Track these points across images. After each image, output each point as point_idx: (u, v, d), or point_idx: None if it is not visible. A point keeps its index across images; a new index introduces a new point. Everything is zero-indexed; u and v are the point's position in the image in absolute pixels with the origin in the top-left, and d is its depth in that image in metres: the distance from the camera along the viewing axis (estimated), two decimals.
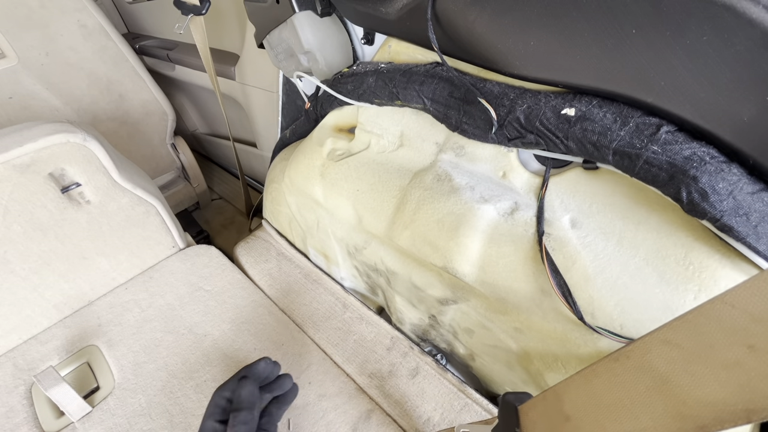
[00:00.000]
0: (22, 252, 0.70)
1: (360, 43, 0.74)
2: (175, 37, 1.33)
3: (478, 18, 0.48)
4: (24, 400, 0.65)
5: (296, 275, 0.86)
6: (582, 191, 0.51)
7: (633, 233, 0.46)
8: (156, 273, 0.86)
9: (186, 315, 0.78)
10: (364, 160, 0.71)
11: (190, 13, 0.89)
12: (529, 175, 0.55)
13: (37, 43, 1.07)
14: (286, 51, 0.75)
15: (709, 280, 0.42)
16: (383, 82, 0.63)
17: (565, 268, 0.48)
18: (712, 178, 0.38)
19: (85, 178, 0.72)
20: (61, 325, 0.77)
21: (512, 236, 0.53)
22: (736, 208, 0.38)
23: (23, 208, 0.68)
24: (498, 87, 0.53)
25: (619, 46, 0.39)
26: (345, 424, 0.60)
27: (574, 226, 0.50)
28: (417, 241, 0.61)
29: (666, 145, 0.40)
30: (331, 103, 0.74)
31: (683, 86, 0.38)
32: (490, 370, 0.67)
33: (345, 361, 0.69)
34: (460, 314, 0.64)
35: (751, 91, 0.34)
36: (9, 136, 0.65)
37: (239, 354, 0.71)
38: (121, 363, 0.70)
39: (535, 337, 0.54)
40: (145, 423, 0.62)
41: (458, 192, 0.58)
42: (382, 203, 0.67)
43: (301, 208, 0.84)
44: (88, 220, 0.75)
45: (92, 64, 1.15)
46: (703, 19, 0.33)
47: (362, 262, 0.77)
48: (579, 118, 0.45)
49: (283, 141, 0.95)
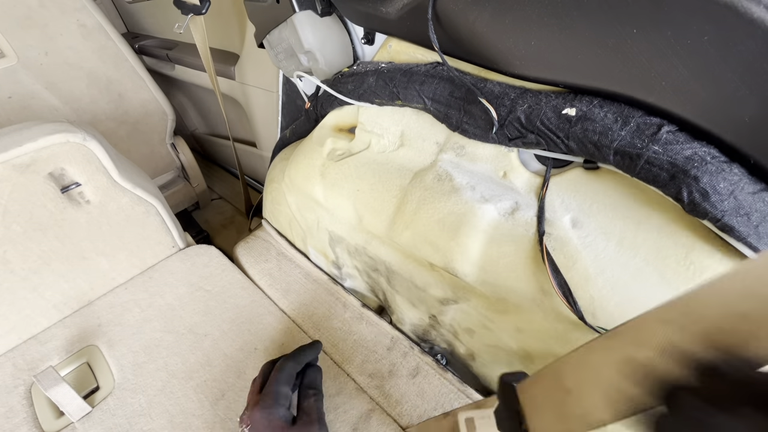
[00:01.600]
0: (21, 252, 0.70)
1: (360, 43, 0.74)
2: (174, 36, 1.33)
3: (479, 18, 0.48)
4: (24, 400, 0.65)
5: (296, 275, 0.86)
6: (583, 191, 0.51)
7: (634, 233, 0.46)
8: (156, 273, 0.86)
9: (186, 315, 0.77)
10: (365, 160, 0.71)
11: (190, 13, 0.89)
12: (530, 175, 0.55)
13: (36, 42, 1.07)
14: (286, 51, 0.74)
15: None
16: (384, 81, 0.63)
17: (566, 268, 0.48)
18: (713, 178, 0.38)
19: (85, 178, 0.72)
20: (60, 325, 0.76)
21: (513, 236, 0.53)
22: (737, 208, 0.38)
23: (23, 207, 0.67)
24: (499, 87, 0.53)
25: (620, 46, 0.39)
26: (345, 424, 0.60)
27: (574, 225, 0.50)
28: (417, 241, 0.61)
29: (667, 145, 0.40)
30: (332, 103, 0.74)
31: (684, 86, 0.38)
32: (491, 370, 0.67)
33: (345, 361, 0.69)
34: (460, 314, 0.64)
35: (753, 91, 0.34)
36: (8, 135, 0.65)
37: (239, 354, 0.70)
38: (121, 363, 0.70)
39: (535, 336, 0.54)
40: (145, 423, 0.62)
41: (459, 192, 0.58)
42: (382, 203, 0.67)
43: (301, 208, 0.84)
44: (87, 219, 0.75)
45: (92, 64, 1.15)
46: (705, 18, 0.33)
47: (362, 262, 0.77)
48: (580, 118, 0.45)
49: (283, 141, 0.95)
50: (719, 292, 0.20)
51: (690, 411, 0.20)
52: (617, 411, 0.24)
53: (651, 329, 0.23)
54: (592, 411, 0.26)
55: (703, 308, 0.21)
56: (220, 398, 0.64)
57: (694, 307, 0.21)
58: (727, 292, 0.20)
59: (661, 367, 0.22)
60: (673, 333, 0.21)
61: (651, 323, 0.23)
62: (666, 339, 0.22)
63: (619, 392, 0.24)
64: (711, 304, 0.20)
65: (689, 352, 0.21)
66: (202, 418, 0.62)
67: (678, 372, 0.21)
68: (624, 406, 0.24)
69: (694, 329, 0.21)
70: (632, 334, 0.24)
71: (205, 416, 0.62)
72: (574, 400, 0.27)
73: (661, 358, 0.22)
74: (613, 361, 0.25)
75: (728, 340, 0.20)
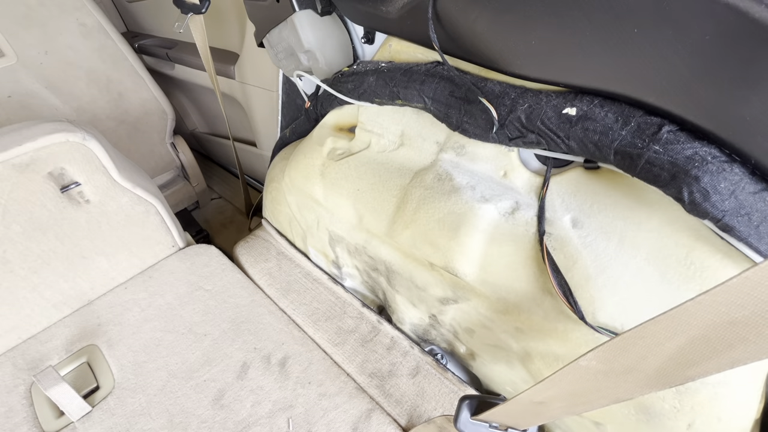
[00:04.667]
0: (21, 251, 0.69)
1: (360, 42, 0.74)
2: (174, 35, 1.33)
3: (479, 17, 0.48)
4: (24, 399, 0.65)
5: (296, 275, 0.86)
6: (583, 191, 0.51)
7: (634, 233, 0.46)
8: (156, 272, 0.86)
9: (186, 314, 0.77)
10: (365, 159, 0.71)
11: (190, 12, 0.89)
12: (530, 175, 0.55)
13: (36, 41, 1.07)
14: (286, 50, 0.74)
15: (710, 279, 0.42)
16: (384, 81, 0.63)
17: (566, 268, 0.48)
18: (713, 178, 0.38)
19: (85, 178, 0.72)
20: (60, 325, 0.76)
21: (513, 236, 0.53)
22: (737, 208, 0.38)
23: (22, 207, 0.67)
24: (499, 86, 0.52)
25: (621, 46, 0.39)
26: (345, 424, 0.60)
27: (575, 225, 0.50)
28: (418, 241, 0.61)
29: (668, 145, 0.40)
30: (332, 103, 0.74)
31: (685, 86, 0.38)
32: (491, 370, 0.67)
33: (345, 361, 0.69)
34: (460, 314, 0.64)
35: (754, 90, 0.34)
36: (8, 135, 0.65)
37: (239, 353, 0.70)
38: (121, 362, 0.70)
39: (536, 336, 0.54)
40: (145, 423, 0.62)
41: (459, 191, 0.58)
42: (382, 203, 0.67)
43: (301, 208, 0.84)
44: (87, 219, 0.75)
45: (91, 63, 1.15)
46: (706, 18, 0.33)
47: (362, 262, 0.77)
48: (580, 118, 0.45)
49: (283, 140, 0.95)
50: (706, 306, 0.23)
51: None
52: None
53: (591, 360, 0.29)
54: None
55: (690, 319, 0.23)
56: (220, 398, 0.64)
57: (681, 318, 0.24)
58: (714, 305, 0.22)
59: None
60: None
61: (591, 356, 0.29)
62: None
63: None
64: (699, 314, 0.23)
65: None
66: (202, 418, 0.62)
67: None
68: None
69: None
70: (587, 360, 0.30)
71: (204, 416, 0.62)
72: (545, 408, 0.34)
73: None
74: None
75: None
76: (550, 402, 0.35)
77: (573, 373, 0.31)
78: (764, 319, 0.21)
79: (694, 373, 0.25)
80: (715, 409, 0.43)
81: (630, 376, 0.28)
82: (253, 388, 0.66)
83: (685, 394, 0.43)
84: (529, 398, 0.36)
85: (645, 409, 0.46)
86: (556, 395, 0.35)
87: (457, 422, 0.43)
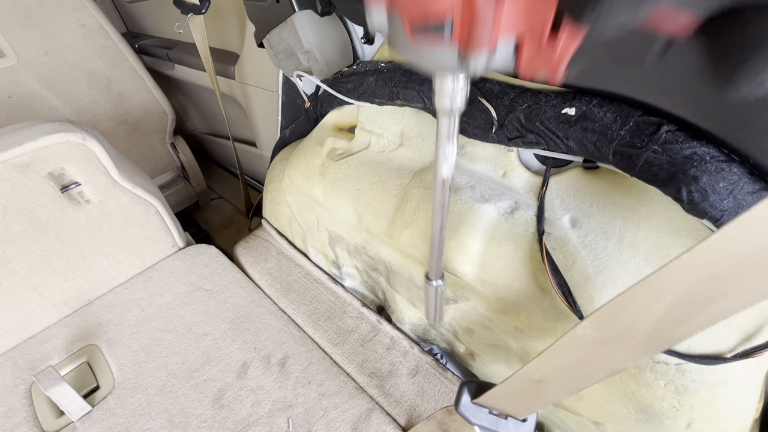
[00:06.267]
0: (21, 251, 0.70)
1: (360, 43, 0.74)
2: (174, 36, 1.33)
3: None
4: (24, 399, 0.65)
5: (296, 275, 0.86)
6: (582, 191, 0.51)
7: (633, 232, 0.46)
8: (156, 272, 0.86)
9: (186, 314, 0.77)
10: (365, 159, 0.71)
11: (190, 12, 0.89)
12: (530, 175, 0.55)
13: (36, 42, 1.07)
14: (285, 50, 0.74)
15: None
16: (383, 81, 0.63)
17: (566, 268, 0.48)
18: (712, 178, 0.38)
19: (85, 178, 0.72)
20: (60, 325, 0.76)
21: (512, 235, 0.53)
22: (736, 207, 0.38)
23: (23, 207, 0.67)
24: (498, 86, 0.53)
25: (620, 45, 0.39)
26: (345, 423, 0.60)
27: (574, 225, 0.50)
28: (417, 241, 0.61)
29: (666, 145, 0.40)
30: (331, 103, 0.74)
31: (684, 86, 0.38)
32: (491, 369, 0.67)
33: (345, 361, 0.69)
34: (460, 314, 0.64)
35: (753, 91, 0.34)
36: (8, 135, 0.65)
37: (239, 353, 0.71)
38: (121, 362, 0.70)
39: (535, 336, 0.54)
40: (145, 422, 0.62)
41: (458, 191, 0.58)
42: (382, 203, 0.67)
43: (301, 208, 0.84)
44: (87, 219, 0.75)
45: (91, 64, 1.15)
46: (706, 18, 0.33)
47: (362, 262, 0.77)
48: (579, 118, 0.45)
49: (283, 140, 0.95)
50: (690, 263, 0.24)
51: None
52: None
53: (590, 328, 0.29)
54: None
55: (676, 277, 0.24)
56: (220, 397, 0.65)
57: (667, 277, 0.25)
58: (696, 262, 0.24)
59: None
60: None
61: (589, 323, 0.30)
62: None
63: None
64: (683, 272, 0.24)
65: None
66: (202, 418, 0.62)
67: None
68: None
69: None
70: (584, 329, 0.31)
71: (204, 415, 0.62)
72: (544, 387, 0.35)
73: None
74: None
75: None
76: (548, 380, 0.36)
77: (570, 343, 0.32)
78: (740, 272, 0.22)
79: (681, 334, 0.26)
80: (714, 408, 0.43)
81: (623, 344, 0.29)
82: (253, 388, 0.66)
83: (685, 394, 0.43)
84: (528, 375, 0.37)
85: (644, 408, 0.46)
86: (553, 370, 0.35)
87: (458, 406, 0.43)
